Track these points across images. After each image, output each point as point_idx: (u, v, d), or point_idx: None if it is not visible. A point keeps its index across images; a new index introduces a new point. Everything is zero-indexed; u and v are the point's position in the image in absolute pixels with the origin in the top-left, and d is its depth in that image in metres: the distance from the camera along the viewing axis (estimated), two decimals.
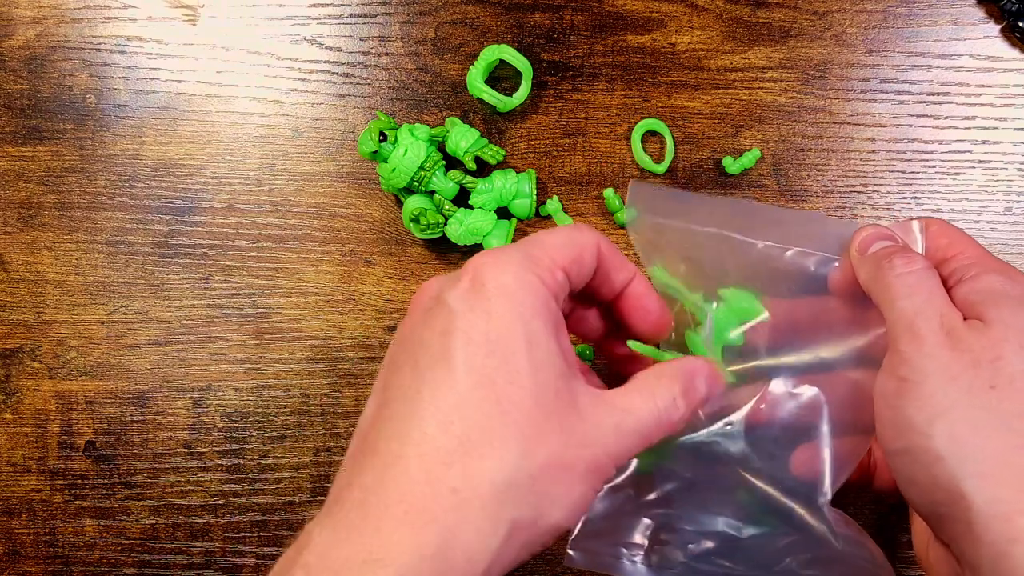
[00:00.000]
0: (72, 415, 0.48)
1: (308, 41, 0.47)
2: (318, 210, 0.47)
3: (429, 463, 0.30)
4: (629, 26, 0.47)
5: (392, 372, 0.33)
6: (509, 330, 0.31)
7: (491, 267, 0.32)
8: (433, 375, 0.31)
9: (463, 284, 0.32)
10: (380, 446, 0.31)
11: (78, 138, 0.48)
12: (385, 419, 0.31)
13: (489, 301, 0.32)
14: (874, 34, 0.46)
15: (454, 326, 0.31)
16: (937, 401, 0.33)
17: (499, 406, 0.30)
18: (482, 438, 0.30)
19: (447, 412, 0.30)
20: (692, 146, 0.46)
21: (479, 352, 0.31)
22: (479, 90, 0.45)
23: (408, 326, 0.34)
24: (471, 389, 0.30)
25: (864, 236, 0.37)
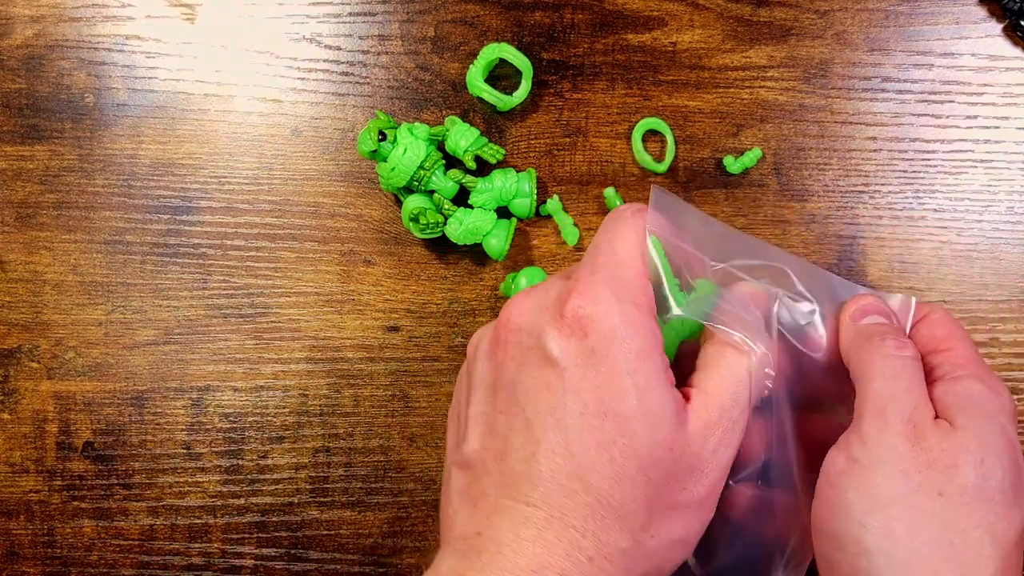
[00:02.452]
0: (70, 415, 0.48)
1: (307, 40, 0.47)
2: (317, 210, 0.47)
3: (562, 531, 0.30)
4: (630, 25, 0.46)
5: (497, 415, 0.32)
6: (620, 388, 0.31)
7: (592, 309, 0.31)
8: (548, 440, 0.31)
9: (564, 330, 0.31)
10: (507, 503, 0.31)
11: (76, 137, 0.48)
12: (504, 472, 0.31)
13: (595, 354, 0.31)
14: (876, 33, 0.46)
15: (564, 386, 0.31)
16: (881, 492, 0.32)
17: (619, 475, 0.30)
18: (607, 509, 0.30)
19: (568, 481, 0.30)
20: (693, 145, 0.46)
21: (592, 419, 0.30)
22: (479, 89, 0.45)
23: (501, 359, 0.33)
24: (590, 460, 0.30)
25: (861, 305, 0.37)
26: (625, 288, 0.32)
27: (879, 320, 0.36)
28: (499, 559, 0.30)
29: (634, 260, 0.33)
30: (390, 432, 0.47)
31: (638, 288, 0.32)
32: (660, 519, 0.31)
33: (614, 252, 0.33)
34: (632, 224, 0.34)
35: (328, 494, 0.47)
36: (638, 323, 0.32)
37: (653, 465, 0.31)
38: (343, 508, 0.47)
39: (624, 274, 0.33)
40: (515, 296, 0.34)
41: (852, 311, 0.37)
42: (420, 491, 0.47)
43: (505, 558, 0.30)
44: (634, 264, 0.33)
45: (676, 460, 0.31)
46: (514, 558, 0.30)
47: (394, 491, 0.47)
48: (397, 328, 0.47)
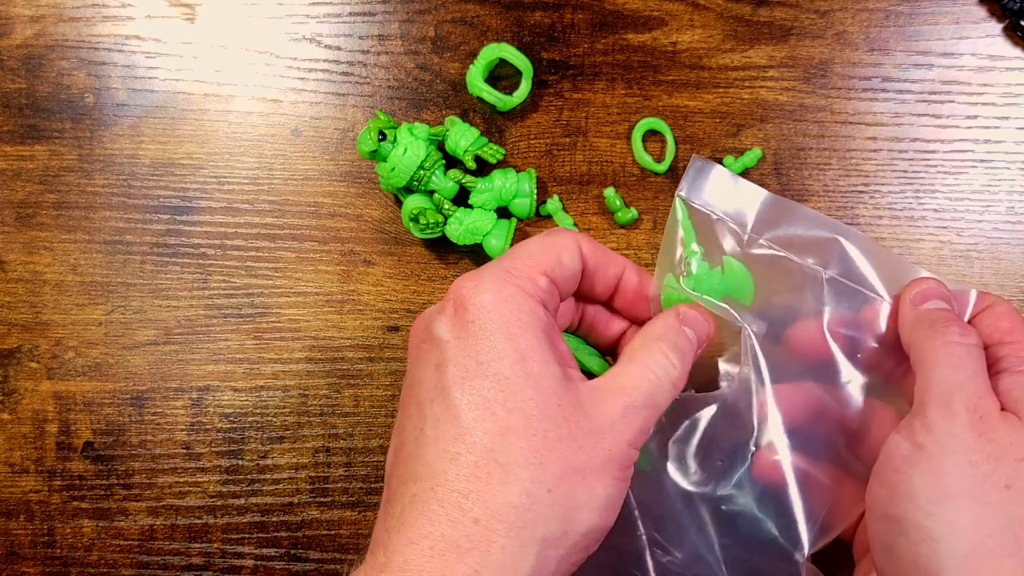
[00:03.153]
0: (70, 415, 0.48)
1: (307, 40, 0.47)
2: (317, 210, 0.47)
3: (444, 497, 0.30)
4: (630, 24, 0.46)
5: (402, 414, 0.34)
6: (498, 350, 0.32)
7: (470, 289, 0.33)
8: (432, 411, 0.31)
9: (447, 312, 0.33)
10: (398, 489, 0.31)
11: (76, 137, 0.47)
12: (400, 462, 0.32)
13: (473, 324, 0.32)
14: (876, 33, 0.46)
15: (445, 357, 0.32)
16: (949, 482, 0.31)
17: (502, 429, 0.31)
18: (492, 464, 0.30)
19: (452, 444, 0.30)
20: (693, 145, 0.46)
21: (473, 379, 0.31)
22: (479, 89, 0.45)
23: (409, 365, 0.34)
24: (472, 418, 0.31)
25: (923, 289, 0.36)
26: (510, 274, 0.33)
27: (941, 305, 0.36)
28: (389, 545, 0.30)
29: (533, 256, 0.34)
30: (390, 432, 0.47)
31: (525, 276, 0.33)
32: (557, 477, 0.31)
33: (515, 251, 0.34)
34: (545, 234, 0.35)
35: (328, 494, 0.47)
36: (519, 300, 0.33)
37: (541, 418, 0.31)
38: (343, 508, 0.47)
39: (513, 265, 0.34)
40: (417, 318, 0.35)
41: (913, 294, 0.36)
42: None
43: (393, 542, 0.30)
44: (532, 259, 0.34)
45: (567, 418, 0.31)
46: (400, 536, 0.30)
47: None
48: (397, 328, 0.47)
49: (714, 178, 0.38)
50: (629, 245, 0.46)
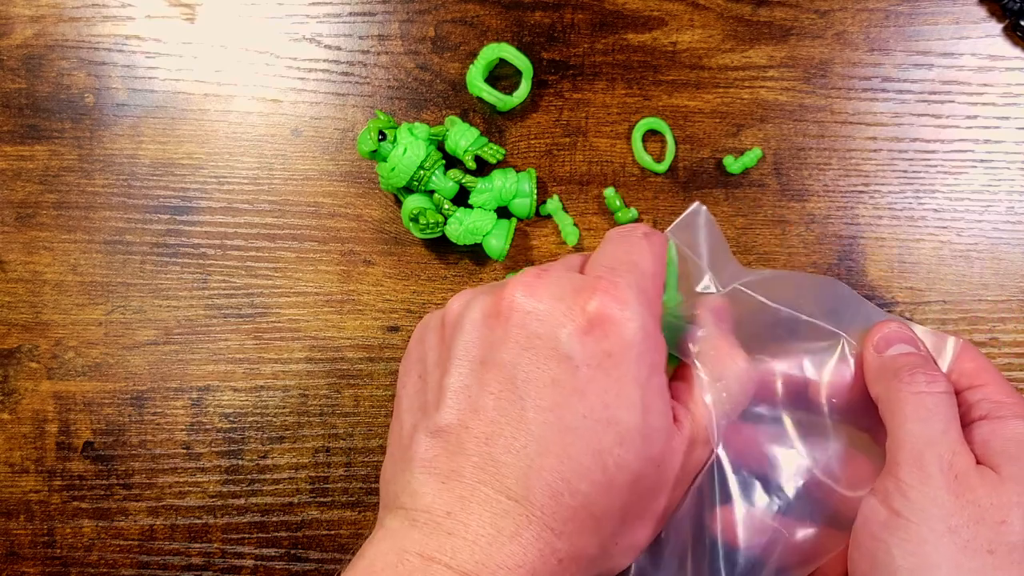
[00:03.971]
0: (70, 415, 0.48)
1: (307, 39, 0.47)
2: (317, 210, 0.47)
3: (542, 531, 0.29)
4: (630, 24, 0.46)
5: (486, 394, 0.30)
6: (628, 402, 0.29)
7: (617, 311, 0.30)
8: (544, 438, 0.29)
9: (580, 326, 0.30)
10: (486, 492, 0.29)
11: (76, 137, 0.47)
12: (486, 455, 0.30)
13: (611, 359, 0.30)
14: (876, 33, 0.46)
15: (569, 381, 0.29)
16: (928, 550, 0.30)
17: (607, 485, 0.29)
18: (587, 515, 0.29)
19: (558, 483, 0.29)
20: (693, 145, 0.46)
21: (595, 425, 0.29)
22: (479, 89, 0.45)
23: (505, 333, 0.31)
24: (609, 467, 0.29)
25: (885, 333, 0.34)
26: (648, 298, 0.31)
27: (906, 350, 0.34)
28: (474, 548, 0.29)
29: (656, 275, 0.32)
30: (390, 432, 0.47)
31: (656, 301, 0.32)
32: (629, 527, 0.31)
33: (635, 264, 0.32)
34: (648, 243, 0.33)
35: (328, 494, 0.47)
36: (656, 336, 0.31)
37: (641, 479, 0.30)
38: (343, 508, 0.47)
39: (647, 285, 0.31)
40: (523, 275, 0.31)
41: (876, 340, 0.34)
42: None
43: (481, 549, 0.29)
44: (656, 279, 0.32)
45: (659, 475, 0.31)
46: (490, 550, 0.29)
47: None
48: (397, 328, 0.47)
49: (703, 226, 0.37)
50: None
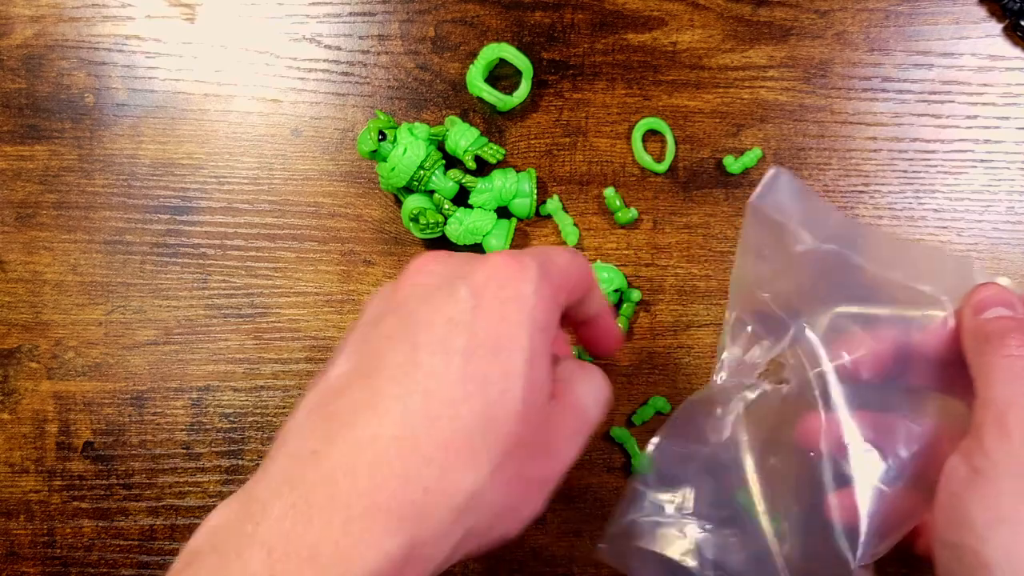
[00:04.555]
0: (70, 415, 0.48)
1: (307, 39, 0.47)
2: (317, 210, 0.47)
3: (408, 455, 0.28)
4: (630, 24, 0.46)
5: (380, 339, 0.31)
6: (517, 341, 0.30)
7: (512, 270, 0.31)
8: (432, 362, 0.29)
9: (479, 278, 0.31)
10: (357, 420, 0.29)
11: (76, 137, 0.47)
12: (366, 389, 0.29)
13: (505, 306, 0.30)
14: (876, 33, 0.46)
15: (462, 320, 0.30)
16: (1004, 505, 0.30)
17: (489, 417, 0.30)
18: (464, 444, 0.29)
19: (438, 407, 0.29)
20: (693, 145, 0.46)
21: (484, 355, 0.30)
22: (479, 89, 0.45)
23: (404, 295, 0.32)
24: (467, 391, 0.29)
25: (983, 296, 0.34)
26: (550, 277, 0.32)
27: (1003, 313, 0.34)
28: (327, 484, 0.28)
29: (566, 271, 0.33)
30: None
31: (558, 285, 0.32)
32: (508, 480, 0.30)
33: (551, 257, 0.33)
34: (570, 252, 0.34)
35: None
36: (550, 305, 0.31)
37: (523, 421, 0.30)
38: None
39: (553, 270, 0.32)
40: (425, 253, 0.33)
41: (973, 303, 0.34)
42: None
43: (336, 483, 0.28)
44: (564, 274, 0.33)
45: (539, 429, 0.31)
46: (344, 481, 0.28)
47: None
48: None
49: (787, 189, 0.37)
50: (629, 245, 0.46)
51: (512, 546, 0.46)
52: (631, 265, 0.46)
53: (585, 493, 0.46)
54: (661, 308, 0.46)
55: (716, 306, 0.46)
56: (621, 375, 0.46)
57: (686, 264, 0.46)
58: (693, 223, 0.46)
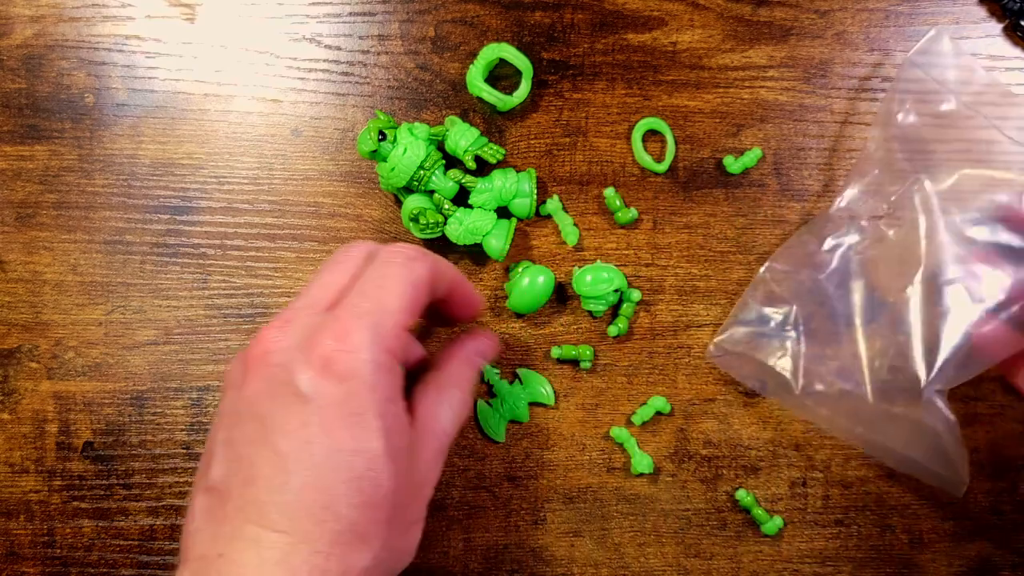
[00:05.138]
0: (70, 415, 0.48)
1: (307, 40, 0.47)
2: (317, 210, 0.47)
3: (309, 557, 0.31)
4: (630, 24, 0.46)
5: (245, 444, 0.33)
6: (371, 431, 0.33)
7: (347, 356, 0.33)
8: (300, 473, 0.32)
9: (314, 367, 0.33)
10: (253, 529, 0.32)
11: (76, 137, 0.47)
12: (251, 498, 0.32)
13: (350, 399, 0.33)
14: (876, 33, 0.46)
15: (313, 421, 0.32)
16: None
17: (366, 505, 0.32)
18: (353, 535, 0.32)
19: (320, 512, 0.32)
20: (693, 145, 0.46)
21: (345, 456, 0.32)
22: (479, 89, 0.45)
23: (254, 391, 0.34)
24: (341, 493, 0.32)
25: None
26: (384, 337, 0.34)
27: None
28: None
29: (401, 309, 0.35)
30: None
31: (395, 336, 0.34)
32: (395, 537, 0.34)
33: (384, 296, 0.34)
34: (405, 271, 0.35)
35: None
36: (389, 371, 0.34)
37: (396, 492, 0.33)
38: None
39: (387, 323, 0.34)
40: (265, 328, 0.35)
41: None
42: None
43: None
44: (400, 313, 0.34)
45: (410, 486, 0.35)
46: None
47: None
48: None
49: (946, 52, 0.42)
50: (629, 245, 0.46)
51: (512, 546, 0.46)
52: (631, 265, 0.46)
53: (585, 493, 0.46)
54: (661, 308, 0.46)
55: (716, 306, 0.46)
56: (621, 375, 0.46)
57: (686, 264, 0.46)
58: (693, 223, 0.46)
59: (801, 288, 0.44)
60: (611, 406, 0.46)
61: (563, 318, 0.47)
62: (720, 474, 0.46)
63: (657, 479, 0.46)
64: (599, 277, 0.45)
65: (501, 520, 0.47)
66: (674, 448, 0.46)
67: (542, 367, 0.47)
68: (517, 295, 0.44)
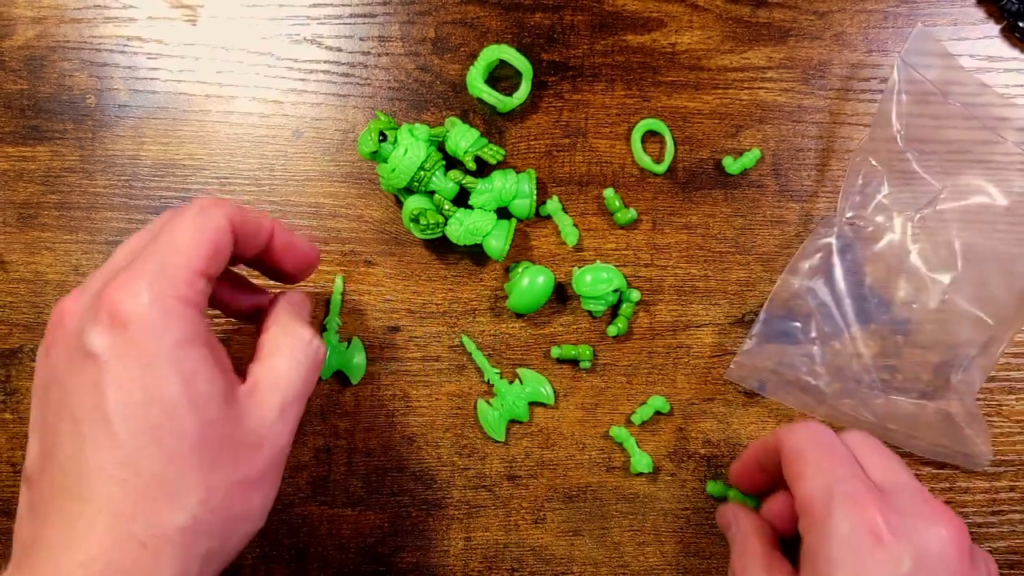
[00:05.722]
0: None
1: (308, 41, 0.47)
2: (318, 210, 0.47)
3: (112, 522, 0.30)
4: (629, 26, 0.47)
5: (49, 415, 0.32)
6: (165, 377, 0.31)
7: (129, 303, 0.31)
8: (94, 433, 0.31)
9: (102, 323, 0.31)
10: (53, 503, 0.31)
11: (78, 138, 0.48)
12: (53, 475, 0.31)
13: (136, 346, 0.31)
14: (874, 34, 0.46)
15: (105, 379, 0.31)
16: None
17: (169, 456, 0.31)
18: (159, 490, 0.30)
19: (118, 471, 0.30)
20: (692, 146, 0.46)
21: (138, 407, 0.31)
22: (479, 90, 0.45)
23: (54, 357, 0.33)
24: (138, 445, 0.30)
25: None
26: (169, 281, 0.32)
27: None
28: (49, 560, 0.30)
29: (190, 253, 0.33)
30: (390, 432, 0.47)
31: (184, 281, 0.32)
32: (220, 495, 0.32)
33: (173, 242, 0.33)
34: (196, 219, 0.34)
35: (328, 494, 0.47)
36: (180, 315, 0.32)
37: (205, 444, 0.31)
38: (343, 508, 0.47)
39: (174, 267, 0.32)
40: (61, 298, 0.34)
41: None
42: (420, 491, 0.47)
43: (55, 558, 0.30)
44: (189, 257, 0.33)
45: (229, 439, 0.32)
46: (64, 555, 0.30)
47: (394, 491, 0.47)
48: (398, 328, 0.47)
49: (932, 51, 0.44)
50: (628, 245, 0.47)
51: (512, 545, 0.47)
52: (630, 265, 0.47)
53: (585, 493, 0.47)
54: (660, 308, 0.47)
55: (715, 306, 0.46)
56: (621, 375, 0.47)
57: (685, 264, 0.47)
58: (692, 223, 0.47)
59: (810, 296, 0.45)
60: (611, 406, 0.47)
61: (563, 318, 0.47)
62: (720, 474, 0.46)
63: (656, 478, 0.47)
64: (599, 277, 0.45)
65: (501, 519, 0.47)
66: (673, 447, 0.47)
67: (542, 367, 0.47)
68: (517, 295, 0.45)
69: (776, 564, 0.38)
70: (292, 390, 0.35)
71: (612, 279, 0.45)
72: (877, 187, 0.44)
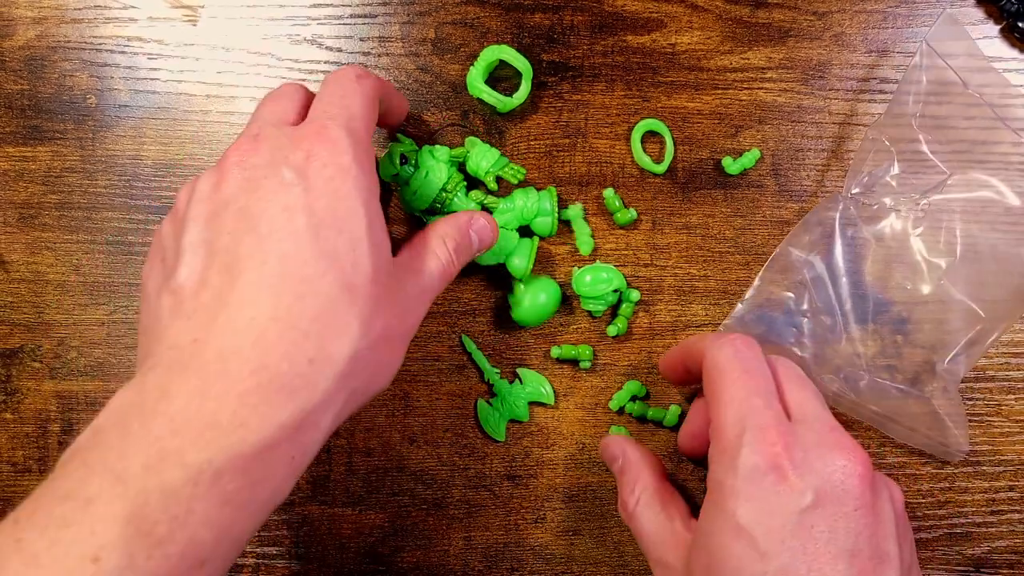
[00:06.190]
0: (73, 415, 0.48)
1: (308, 41, 0.47)
2: None
3: (286, 332, 0.31)
4: (629, 26, 0.47)
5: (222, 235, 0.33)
6: (353, 212, 0.33)
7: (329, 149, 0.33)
8: (281, 248, 0.32)
9: (297, 159, 0.33)
10: (229, 308, 0.31)
11: (78, 138, 0.48)
12: (227, 281, 0.32)
13: (333, 181, 0.33)
14: (874, 34, 0.46)
15: (298, 203, 0.32)
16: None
17: (347, 285, 0.32)
18: (332, 315, 0.32)
19: (299, 285, 0.31)
20: (692, 146, 0.47)
21: (327, 231, 0.32)
22: (479, 90, 0.45)
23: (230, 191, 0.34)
24: (323, 267, 0.32)
25: None
26: (357, 138, 0.34)
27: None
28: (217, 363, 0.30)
29: (364, 115, 0.36)
30: (390, 432, 0.47)
31: (367, 141, 0.35)
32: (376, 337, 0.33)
33: (347, 107, 0.35)
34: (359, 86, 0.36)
35: (328, 493, 0.47)
36: (369, 171, 0.34)
37: (376, 283, 0.33)
38: (343, 507, 0.47)
39: (356, 126, 0.35)
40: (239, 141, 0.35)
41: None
42: (420, 491, 0.47)
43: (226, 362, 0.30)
44: (364, 118, 0.35)
45: (389, 291, 0.34)
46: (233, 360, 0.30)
47: (394, 491, 0.47)
48: None
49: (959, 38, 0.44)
50: (628, 245, 0.47)
51: (512, 544, 0.47)
52: (630, 265, 0.47)
53: (585, 492, 0.47)
54: (660, 308, 0.47)
55: (715, 306, 0.46)
56: (620, 375, 0.47)
57: (685, 264, 0.47)
58: (692, 224, 0.47)
59: (807, 270, 0.45)
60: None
61: (563, 318, 0.47)
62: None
63: None
64: (598, 277, 0.45)
65: (501, 519, 0.47)
66: (673, 447, 0.47)
67: (542, 367, 0.47)
68: (524, 311, 0.45)
69: (669, 497, 0.39)
70: (430, 285, 0.38)
71: (612, 279, 0.45)
72: (887, 167, 0.44)
